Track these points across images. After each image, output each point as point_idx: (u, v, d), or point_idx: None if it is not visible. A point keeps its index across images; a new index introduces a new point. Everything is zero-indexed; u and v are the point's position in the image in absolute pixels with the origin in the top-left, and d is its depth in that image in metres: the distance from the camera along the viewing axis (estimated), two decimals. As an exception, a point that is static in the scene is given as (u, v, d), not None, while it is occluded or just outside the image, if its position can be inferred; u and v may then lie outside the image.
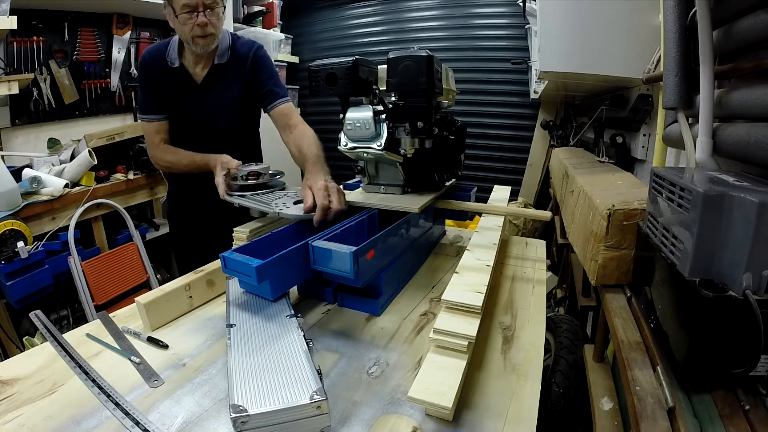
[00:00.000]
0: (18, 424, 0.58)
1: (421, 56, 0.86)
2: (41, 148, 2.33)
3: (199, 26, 1.28)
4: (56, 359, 0.73)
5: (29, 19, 2.26)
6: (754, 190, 0.56)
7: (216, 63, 1.41)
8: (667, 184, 0.68)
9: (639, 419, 0.58)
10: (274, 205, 0.94)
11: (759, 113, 0.72)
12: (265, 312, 0.76)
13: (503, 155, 3.26)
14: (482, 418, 0.60)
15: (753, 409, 0.55)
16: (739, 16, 0.77)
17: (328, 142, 1.31)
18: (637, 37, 1.29)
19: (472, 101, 3.19)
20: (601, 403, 0.99)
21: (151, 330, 0.82)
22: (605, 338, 1.13)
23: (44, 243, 1.88)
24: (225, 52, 1.42)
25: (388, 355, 0.75)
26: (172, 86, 1.42)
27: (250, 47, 1.46)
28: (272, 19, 3.51)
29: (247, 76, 1.45)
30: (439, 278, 1.06)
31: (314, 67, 0.94)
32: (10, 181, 1.78)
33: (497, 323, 0.85)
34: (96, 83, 2.63)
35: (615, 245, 0.88)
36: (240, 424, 0.51)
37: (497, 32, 3.10)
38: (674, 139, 1.01)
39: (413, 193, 1.11)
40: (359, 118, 0.95)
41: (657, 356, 0.68)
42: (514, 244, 1.30)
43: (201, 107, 1.44)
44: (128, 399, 0.62)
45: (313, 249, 0.78)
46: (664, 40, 0.96)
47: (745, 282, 0.54)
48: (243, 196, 0.98)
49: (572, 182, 1.34)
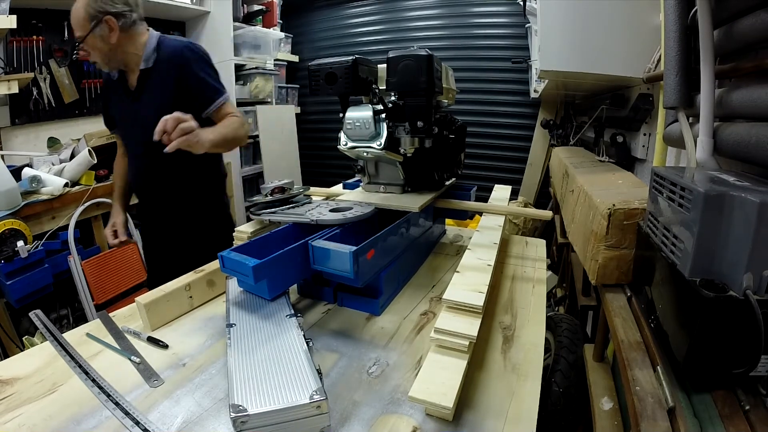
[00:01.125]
0: (18, 424, 0.58)
1: (421, 55, 0.86)
2: (41, 147, 2.33)
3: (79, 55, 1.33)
4: (56, 359, 0.73)
5: (29, 19, 2.26)
6: (755, 189, 0.56)
7: (142, 68, 1.34)
8: (668, 184, 0.68)
9: (639, 419, 0.58)
10: (309, 216, 0.92)
11: (759, 113, 0.72)
12: (264, 312, 0.76)
13: (503, 154, 3.26)
14: (482, 417, 0.60)
15: (753, 409, 0.55)
16: (740, 15, 0.77)
17: (328, 142, 1.31)
18: (638, 37, 1.29)
19: (472, 100, 3.19)
20: (601, 402, 0.99)
21: (151, 330, 0.82)
22: (605, 338, 1.13)
23: (44, 242, 1.88)
24: (150, 55, 1.34)
25: (388, 354, 0.75)
26: (114, 97, 1.44)
27: (175, 48, 1.34)
28: (272, 18, 3.50)
29: (176, 79, 1.33)
30: (439, 278, 1.06)
31: (314, 66, 0.94)
32: (10, 180, 1.78)
33: (497, 323, 0.85)
34: (96, 82, 2.63)
35: (615, 245, 0.88)
36: (240, 424, 0.51)
37: (497, 31, 3.10)
38: (675, 139, 1.01)
39: (413, 193, 1.11)
40: (359, 118, 0.95)
41: (657, 356, 0.68)
42: (515, 243, 1.30)
43: (135, 114, 1.39)
44: (128, 399, 0.62)
45: (312, 249, 0.78)
46: (665, 39, 0.96)
47: (746, 282, 0.54)
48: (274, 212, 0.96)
49: (572, 181, 1.34)
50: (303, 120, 3.91)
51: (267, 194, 1.05)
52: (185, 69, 1.33)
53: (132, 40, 1.33)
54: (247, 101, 3.31)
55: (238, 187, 3.27)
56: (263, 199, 1.03)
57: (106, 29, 1.26)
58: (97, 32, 1.26)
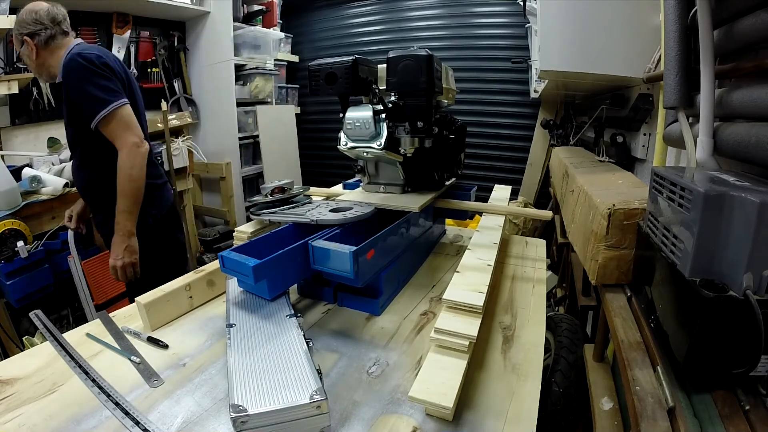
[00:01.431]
0: (18, 424, 0.58)
1: (421, 55, 0.86)
2: (41, 147, 2.33)
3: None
4: (56, 359, 0.73)
5: (29, 19, 2.26)
6: (755, 190, 0.56)
7: (57, 81, 1.38)
8: (668, 184, 0.68)
9: (639, 419, 0.58)
10: (310, 216, 0.92)
11: (759, 113, 0.72)
12: (264, 312, 0.76)
13: (503, 154, 3.26)
14: (482, 417, 0.60)
15: (753, 409, 0.55)
16: (740, 15, 0.77)
17: (328, 142, 1.31)
18: (638, 37, 1.29)
19: (472, 100, 3.19)
20: (601, 402, 0.99)
21: (151, 330, 0.82)
22: (605, 338, 1.13)
23: (44, 242, 1.88)
24: (60, 69, 1.34)
25: (388, 354, 0.75)
26: None
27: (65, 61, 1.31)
28: (272, 18, 3.50)
29: (66, 92, 1.32)
30: (439, 278, 1.06)
31: (314, 66, 0.94)
32: (10, 180, 1.78)
33: (497, 323, 0.85)
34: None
35: (615, 245, 0.88)
36: (240, 424, 0.51)
37: (497, 31, 3.10)
38: (675, 139, 1.01)
39: (413, 193, 1.10)
40: (359, 118, 0.95)
41: (657, 356, 0.68)
42: (515, 243, 1.30)
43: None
44: (128, 399, 0.62)
45: (312, 249, 0.78)
46: (665, 39, 0.96)
47: (746, 282, 0.54)
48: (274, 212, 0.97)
49: (572, 182, 1.34)
50: (303, 120, 3.91)
51: (267, 194, 1.05)
52: (69, 80, 1.31)
53: (53, 55, 1.39)
54: (247, 101, 3.31)
55: (238, 187, 3.27)
56: (263, 199, 1.03)
57: (26, 48, 1.37)
58: (24, 51, 1.39)
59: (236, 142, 3.19)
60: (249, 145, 3.38)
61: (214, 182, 3.31)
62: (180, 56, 3.23)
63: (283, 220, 0.94)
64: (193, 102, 3.32)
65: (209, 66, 3.21)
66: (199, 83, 3.31)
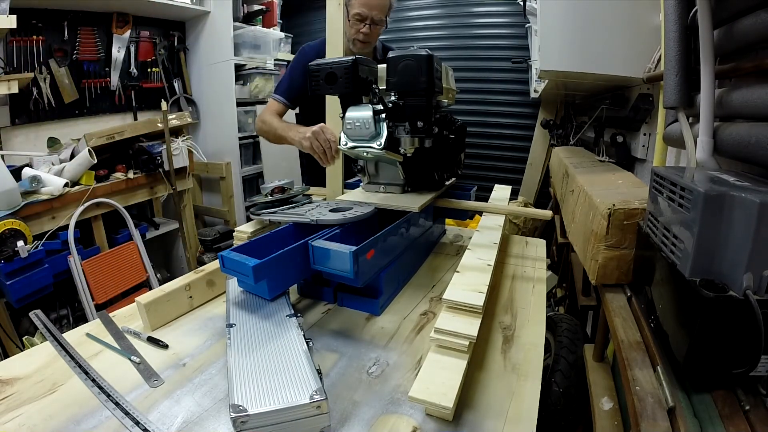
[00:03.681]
0: (18, 424, 0.58)
1: (421, 55, 0.86)
2: (41, 147, 2.33)
3: (363, 33, 1.49)
4: (56, 359, 0.73)
5: (29, 19, 2.26)
6: (755, 190, 0.56)
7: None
8: (668, 184, 0.68)
9: (639, 419, 0.58)
10: (310, 216, 0.92)
11: (760, 113, 0.72)
12: (264, 312, 0.76)
13: (503, 154, 3.26)
14: (482, 417, 0.60)
15: (753, 409, 0.55)
16: (740, 15, 0.77)
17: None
18: (638, 37, 1.29)
19: (472, 100, 3.18)
20: (601, 402, 0.99)
21: (151, 330, 0.82)
22: (605, 338, 1.13)
23: (44, 242, 1.88)
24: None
25: (388, 354, 0.75)
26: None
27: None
28: (272, 18, 3.50)
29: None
30: (439, 277, 1.06)
31: (314, 66, 0.94)
32: (9, 180, 1.77)
33: (497, 323, 0.85)
34: (96, 82, 2.63)
35: (615, 245, 0.88)
36: (240, 424, 0.51)
37: (497, 31, 3.10)
38: (675, 139, 1.01)
39: (413, 193, 1.10)
40: (359, 118, 0.95)
41: (657, 356, 0.68)
42: (515, 243, 1.30)
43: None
44: (128, 399, 0.62)
45: (312, 249, 0.78)
46: (665, 39, 0.96)
47: (746, 282, 0.54)
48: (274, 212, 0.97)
49: (572, 181, 1.34)
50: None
51: (267, 194, 1.05)
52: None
53: None
54: (247, 101, 3.31)
55: (238, 186, 3.27)
56: (263, 199, 1.03)
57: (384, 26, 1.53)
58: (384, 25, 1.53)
59: (236, 142, 3.19)
60: (249, 145, 3.37)
61: (214, 182, 3.30)
62: (180, 56, 3.23)
63: (283, 220, 0.94)
64: (193, 102, 3.32)
65: (209, 66, 3.21)
66: (199, 83, 3.31)
